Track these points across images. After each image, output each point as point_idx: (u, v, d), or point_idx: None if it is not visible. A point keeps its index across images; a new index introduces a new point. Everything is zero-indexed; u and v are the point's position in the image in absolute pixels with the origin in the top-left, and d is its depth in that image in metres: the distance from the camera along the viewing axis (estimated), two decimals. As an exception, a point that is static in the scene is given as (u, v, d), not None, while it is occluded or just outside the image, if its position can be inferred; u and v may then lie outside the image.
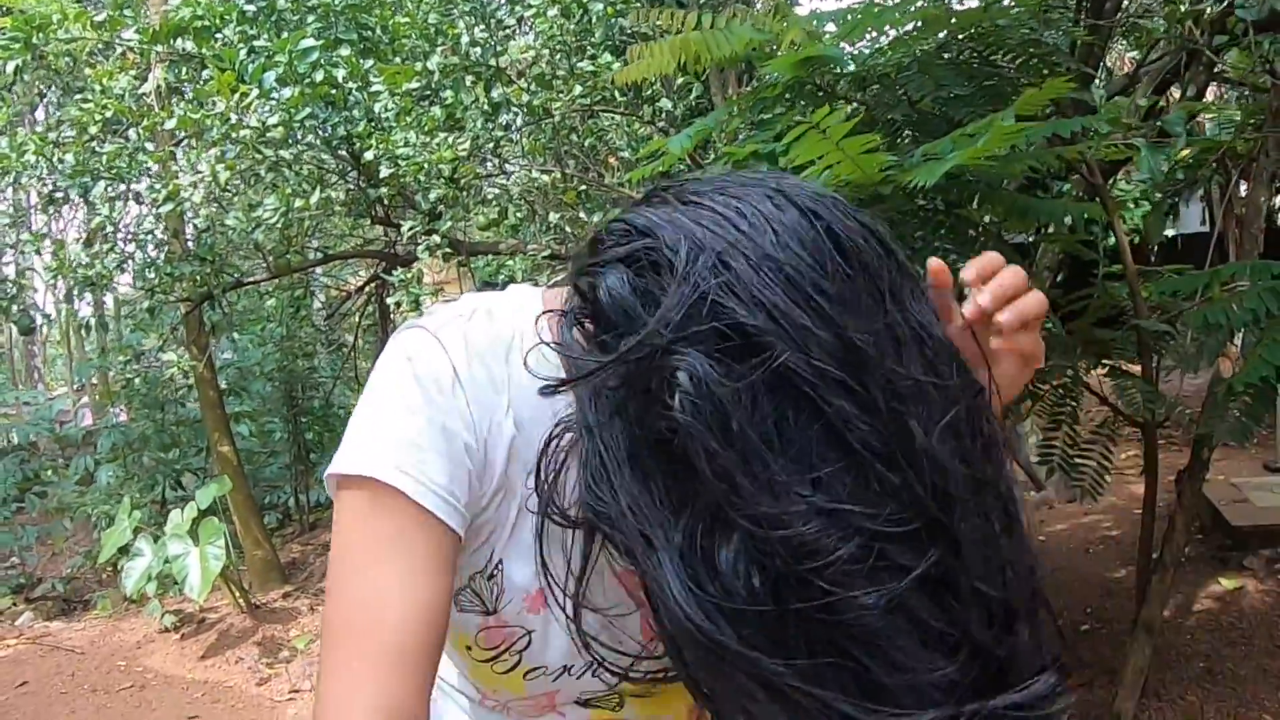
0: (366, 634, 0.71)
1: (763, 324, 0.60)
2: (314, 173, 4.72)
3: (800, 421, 0.60)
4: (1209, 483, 5.25)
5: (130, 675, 4.91)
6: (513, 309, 0.82)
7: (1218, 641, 3.74)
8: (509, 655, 0.86)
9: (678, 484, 0.63)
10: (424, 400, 0.75)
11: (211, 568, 4.87)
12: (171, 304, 5.37)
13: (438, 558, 0.73)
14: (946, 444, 0.61)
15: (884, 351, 0.61)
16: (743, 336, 0.60)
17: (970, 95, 2.40)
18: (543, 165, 4.78)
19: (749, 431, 0.59)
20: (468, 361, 0.77)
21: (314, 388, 8.20)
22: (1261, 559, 4.39)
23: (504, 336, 0.80)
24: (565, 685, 0.88)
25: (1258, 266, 2.67)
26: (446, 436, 0.75)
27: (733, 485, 0.59)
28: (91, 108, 4.53)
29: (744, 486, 0.59)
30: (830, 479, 0.59)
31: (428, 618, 0.72)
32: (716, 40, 2.17)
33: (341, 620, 0.72)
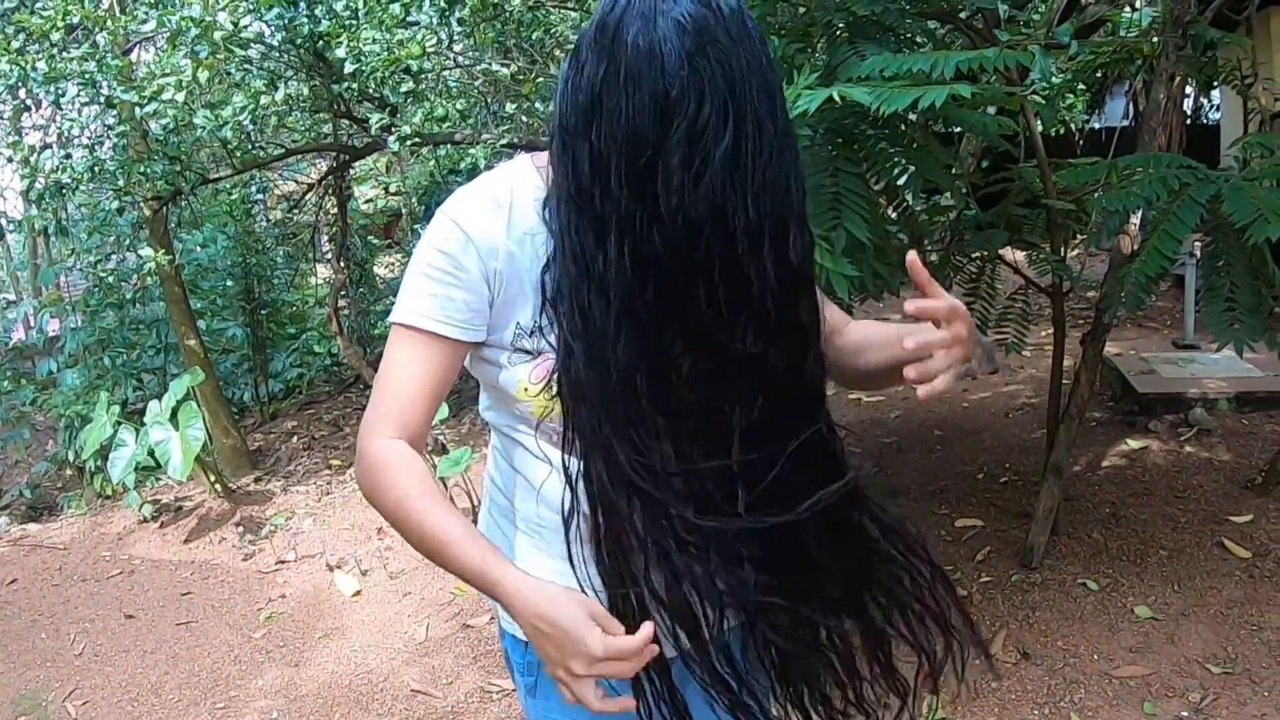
0: (387, 389, 1.25)
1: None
2: (280, 70, 4.86)
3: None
4: (1121, 356, 5.71)
5: (117, 564, 5.07)
6: (507, 166, 1.31)
7: (1123, 492, 4.14)
8: (554, 382, 1.23)
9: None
10: (445, 262, 1.23)
11: (192, 447, 5.06)
12: (141, 203, 5.49)
13: (439, 356, 1.24)
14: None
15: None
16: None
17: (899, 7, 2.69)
18: (492, 59, 4.96)
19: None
20: (469, 216, 1.24)
21: (270, 282, 8.36)
22: (1165, 423, 4.81)
23: (503, 176, 1.28)
24: None
25: (1151, 159, 3.00)
26: (462, 279, 1.22)
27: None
28: (53, 14, 4.58)
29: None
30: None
31: (424, 388, 1.24)
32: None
33: (378, 384, 1.26)
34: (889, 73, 2.35)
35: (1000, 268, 3.71)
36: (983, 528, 3.99)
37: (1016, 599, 3.41)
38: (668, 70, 1.04)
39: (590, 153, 1.10)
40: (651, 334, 1.14)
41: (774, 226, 1.11)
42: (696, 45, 1.04)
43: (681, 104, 1.04)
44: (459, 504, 4.65)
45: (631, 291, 1.12)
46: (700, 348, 1.17)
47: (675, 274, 1.11)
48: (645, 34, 1.05)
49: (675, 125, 1.05)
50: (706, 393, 1.19)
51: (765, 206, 1.09)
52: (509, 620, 1.41)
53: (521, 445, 1.35)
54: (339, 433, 7.04)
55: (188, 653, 4.00)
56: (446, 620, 3.96)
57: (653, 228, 1.09)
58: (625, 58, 1.06)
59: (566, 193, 1.14)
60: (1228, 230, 2.68)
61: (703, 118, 1.04)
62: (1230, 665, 2.95)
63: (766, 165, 1.08)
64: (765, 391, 1.21)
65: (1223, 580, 3.39)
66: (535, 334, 1.24)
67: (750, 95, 1.07)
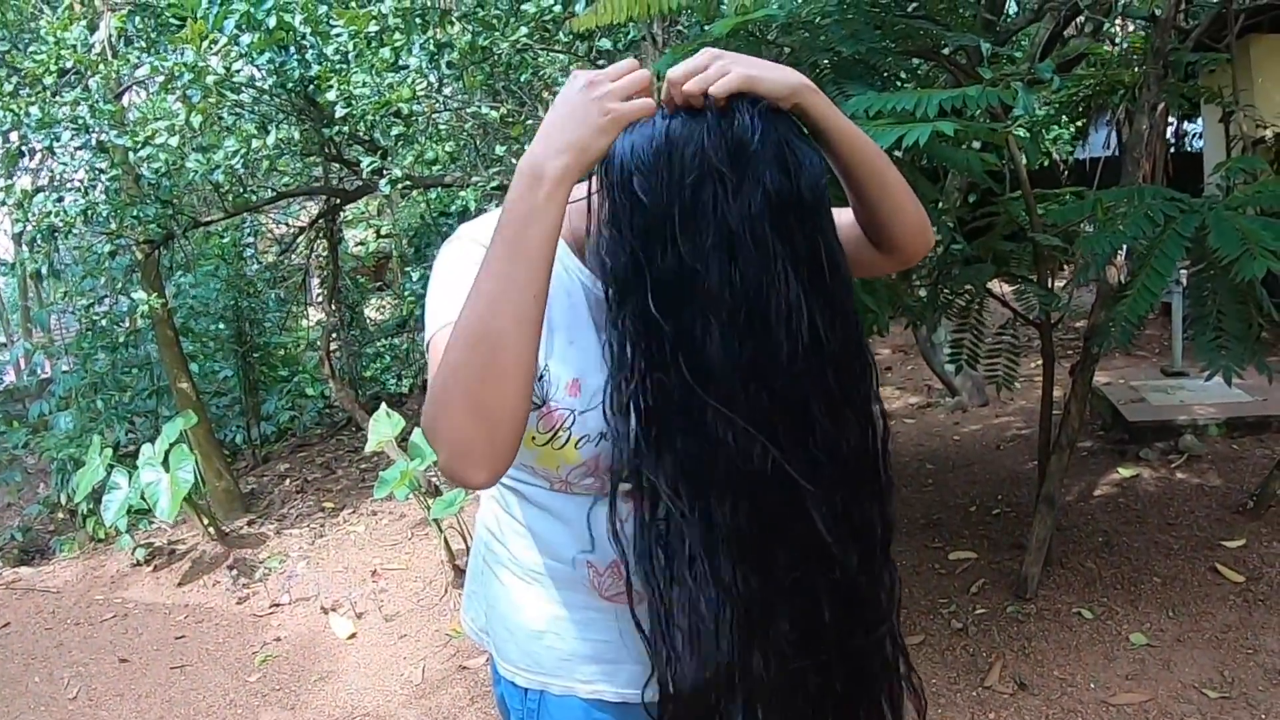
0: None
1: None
2: (271, 114, 4.91)
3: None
4: (1110, 385, 5.74)
5: (111, 607, 5.04)
6: None
7: (1115, 520, 4.14)
8: (562, 431, 1.22)
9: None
10: (467, 275, 1.08)
11: (181, 489, 5.04)
12: (133, 246, 5.51)
13: None
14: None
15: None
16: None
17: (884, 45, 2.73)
18: (482, 101, 5.02)
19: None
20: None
21: (262, 324, 8.38)
22: (1156, 450, 4.83)
23: None
24: (605, 449, 1.22)
25: (1134, 192, 3.03)
26: None
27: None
28: (45, 59, 4.62)
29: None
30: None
31: None
32: None
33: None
34: (873, 111, 2.39)
35: (988, 301, 3.74)
36: (976, 560, 4.00)
37: (1012, 630, 3.41)
38: (766, 249, 1.06)
39: (702, 306, 1.08)
40: (774, 478, 1.12)
41: (854, 393, 1.16)
42: (778, 217, 1.07)
43: (776, 276, 1.06)
44: (453, 545, 4.65)
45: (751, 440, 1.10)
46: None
47: (786, 430, 1.11)
48: (742, 209, 1.06)
49: (776, 300, 1.07)
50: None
51: (845, 376, 1.13)
52: (505, 665, 1.42)
53: (522, 495, 1.35)
54: (331, 475, 7.03)
55: (183, 696, 3.97)
56: (443, 662, 3.94)
57: (770, 388, 1.09)
58: (734, 234, 1.06)
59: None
60: (1215, 261, 2.70)
61: (793, 294, 1.07)
62: (1227, 690, 2.95)
63: (844, 339, 1.12)
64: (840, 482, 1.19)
65: (1217, 605, 3.40)
66: (542, 378, 1.21)
67: (825, 273, 1.10)
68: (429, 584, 4.69)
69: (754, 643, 1.17)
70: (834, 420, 1.13)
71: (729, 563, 1.13)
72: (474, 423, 1.01)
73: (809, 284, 1.08)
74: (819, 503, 1.13)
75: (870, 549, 1.21)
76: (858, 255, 1.31)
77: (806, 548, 1.15)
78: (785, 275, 1.06)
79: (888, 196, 1.26)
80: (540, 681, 1.38)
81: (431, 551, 4.98)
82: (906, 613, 3.66)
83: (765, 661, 1.18)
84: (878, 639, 1.26)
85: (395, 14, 4.26)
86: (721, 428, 1.08)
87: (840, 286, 1.13)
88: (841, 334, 1.12)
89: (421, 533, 5.31)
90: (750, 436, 1.08)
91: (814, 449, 1.12)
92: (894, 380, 7.44)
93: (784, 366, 1.08)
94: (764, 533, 1.14)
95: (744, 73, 1.08)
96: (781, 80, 1.11)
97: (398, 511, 5.75)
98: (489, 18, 4.43)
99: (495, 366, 1.02)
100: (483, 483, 1.05)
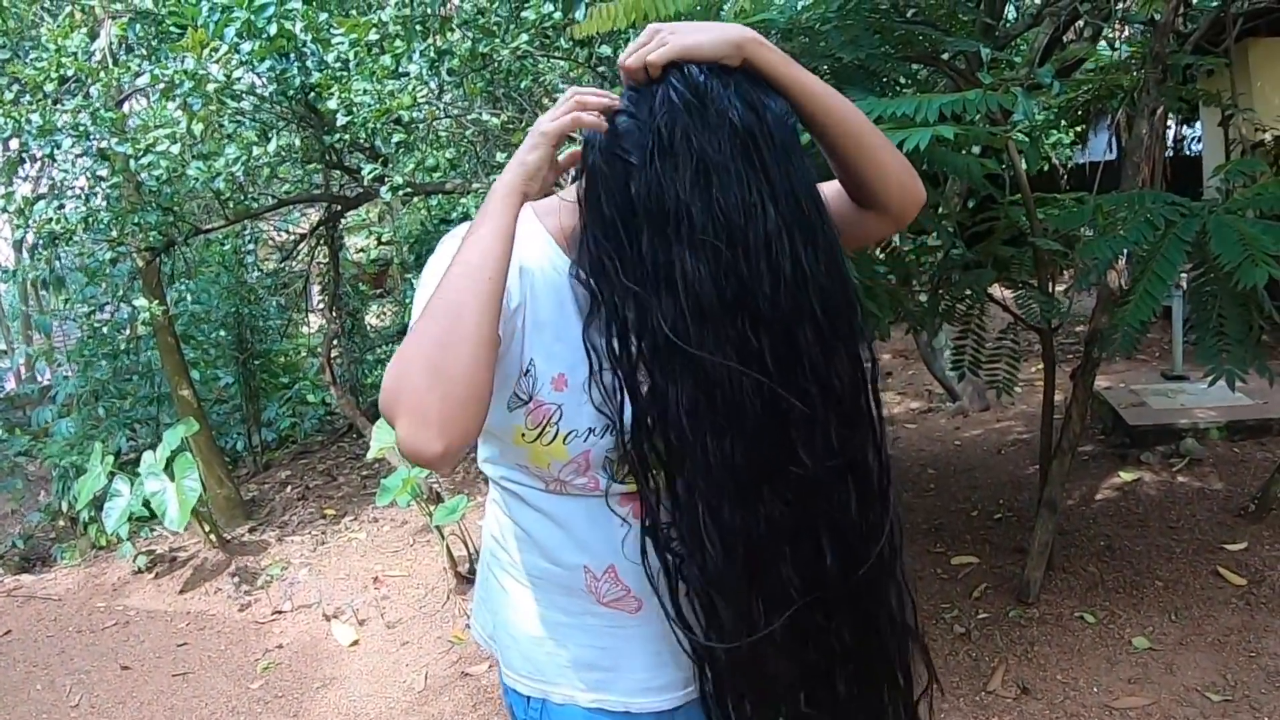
0: None
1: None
2: (272, 121, 4.92)
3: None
4: (1111, 389, 5.74)
5: (113, 614, 5.05)
6: None
7: (1117, 524, 4.14)
8: (550, 427, 1.23)
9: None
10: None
11: (188, 498, 5.06)
12: (134, 254, 5.52)
13: None
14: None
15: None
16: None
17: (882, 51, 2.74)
18: (483, 108, 5.02)
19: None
20: None
21: (262, 332, 8.39)
22: (1157, 454, 4.83)
23: None
24: (593, 445, 1.24)
25: (1134, 197, 3.04)
26: None
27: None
28: (46, 66, 4.63)
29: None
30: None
31: None
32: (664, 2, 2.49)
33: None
34: (874, 117, 2.39)
35: (989, 305, 3.74)
36: (979, 564, 4.00)
37: (1014, 634, 3.41)
38: (739, 176, 1.09)
39: (688, 243, 1.10)
40: (765, 413, 1.13)
41: (843, 327, 1.15)
42: (749, 149, 1.10)
43: (753, 206, 1.09)
44: (455, 552, 4.66)
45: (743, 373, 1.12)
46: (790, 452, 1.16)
47: (776, 361, 1.12)
48: (714, 139, 1.10)
49: (756, 230, 1.09)
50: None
51: (832, 309, 1.13)
52: (508, 672, 1.42)
53: (520, 498, 1.35)
54: (333, 482, 7.03)
55: (185, 704, 3.98)
56: (445, 668, 3.94)
57: (757, 318, 1.11)
58: (710, 160, 1.09)
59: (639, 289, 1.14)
60: (1216, 266, 2.70)
61: (770, 223, 1.09)
62: (1230, 693, 2.95)
63: (829, 272, 1.13)
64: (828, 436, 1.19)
65: (1219, 608, 3.40)
66: (529, 373, 1.23)
67: (800, 202, 1.11)
68: (431, 591, 4.69)
69: (757, 589, 1.18)
70: (824, 352, 1.13)
71: (729, 506, 1.15)
72: (430, 387, 1.04)
73: (788, 216, 1.10)
74: (812, 434, 1.14)
75: (868, 491, 1.21)
76: (849, 222, 1.31)
77: (803, 486, 1.16)
78: (762, 205, 1.09)
79: (863, 150, 1.24)
80: (541, 689, 1.38)
81: (433, 558, 4.98)
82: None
83: (769, 608, 1.19)
84: (882, 590, 1.25)
85: (396, 21, 4.27)
86: (714, 366, 1.10)
87: (820, 221, 1.13)
88: (826, 267, 1.12)
89: (423, 539, 5.32)
90: (742, 371, 1.10)
91: (804, 380, 1.13)
92: (895, 385, 7.44)
93: (768, 296, 1.09)
94: (760, 472, 1.15)
95: (680, 42, 1.12)
96: (722, 39, 1.13)
97: (399, 518, 5.75)
98: (489, 25, 4.42)
99: (453, 333, 1.07)
100: (438, 454, 1.05)
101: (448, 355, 1.06)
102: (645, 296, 1.12)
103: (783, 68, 1.15)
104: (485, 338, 1.08)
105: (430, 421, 1.04)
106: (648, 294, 1.12)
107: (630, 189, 1.12)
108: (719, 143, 1.09)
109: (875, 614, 1.26)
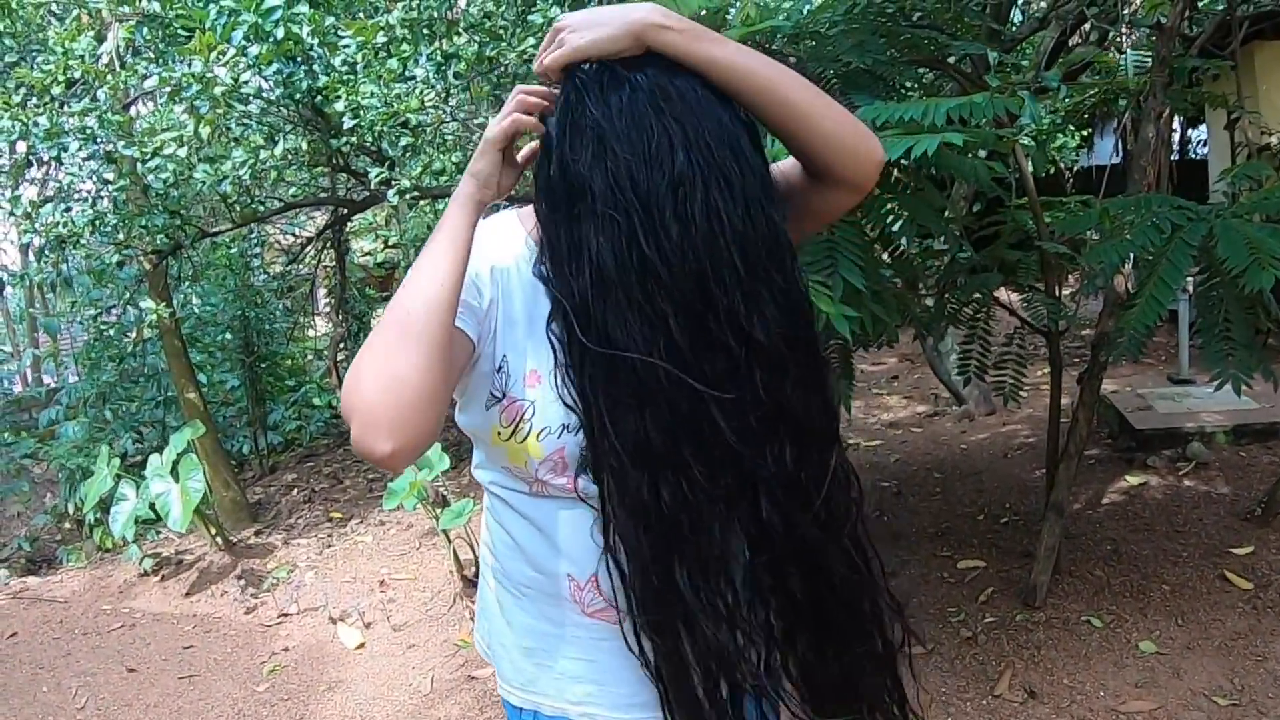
0: None
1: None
2: (279, 125, 4.93)
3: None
4: (1117, 393, 5.73)
5: (118, 617, 5.04)
6: (494, 217, 1.36)
7: (1124, 528, 4.14)
8: (523, 424, 1.23)
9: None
10: None
11: (192, 499, 5.05)
12: (141, 257, 5.53)
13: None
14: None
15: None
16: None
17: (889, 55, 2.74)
18: (489, 112, 5.03)
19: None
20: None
21: (268, 335, 8.39)
22: (1163, 458, 4.83)
23: (492, 223, 1.33)
24: (567, 442, 1.23)
25: (1141, 200, 3.04)
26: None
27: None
28: (53, 69, 4.63)
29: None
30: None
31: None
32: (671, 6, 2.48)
33: None
34: (881, 122, 2.40)
35: (995, 309, 3.74)
36: (985, 568, 4.00)
37: (1021, 638, 3.41)
38: (642, 129, 1.10)
39: (592, 218, 1.12)
40: (672, 385, 1.12)
41: (764, 272, 1.13)
42: (654, 106, 1.10)
43: (659, 157, 1.09)
44: (460, 555, 4.66)
45: (649, 344, 1.11)
46: (739, 379, 1.14)
47: (685, 322, 1.11)
48: (614, 104, 1.12)
49: (660, 179, 1.08)
50: (734, 441, 1.16)
51: (752, 254, 1.11)
52: (501, 683, 1.42)
53: (508, 504, 1.35)
54: (339, 485, 7.03)
55: (191, 706, 3.98)
56: (452, 672, 3.94)
57: (660, 282, 1.10)
58: (604, 129, 1.11)
59: (571, 259, 1.15)
60: (1222, 271, 2.71)
61: (678, 169, 1.08)
62: (1237, 697, 2.95)
63: (747, 215, 1.11)
64: (790, 439, 1.19)
65: (1226, 613, 3.40)
66: (501, 371, 1.24)
67: (712, 148, 1.10)
68: (437, 594, 4.69)
69: (683, 560, 1.17)
70: (745, 299, 1.11)
71: (647, 482, 1.14)
72: (379, 390, 1.07)
73: (700, 161, 1.09)
74: (736, 385, 1.12)
75: (801, 438, 1.18)
76: (808, 196, 1.28)
77: (728, 448, 1.13)
78: (671, 151, 1.09)
79: (799, 120, 1.18)
80: (534, 701, 1.37)
81: (440, 562, 4.99)
82: (915, 621, 3.66)
83: (704, 576, 1.18)
84: (834, 543, 1.23)
85: (402, 25, 4.28)
86: (622, 337, 1.11)
87: (738, 166, 1.11)
88: (744, 210, 1.10)
89: (429, 543, 5.32)
90: (647, 339, 1.10)
91: (720, 333, 1.11)
92: (900, 389, 7.44)
93: (677, 246, 1.08)
94: (679, 441, 1.13)
95: (575, 43, 1.13)
96: (618, 33, 1.12)
97: (405, 521, 5.75)
98: (496, 28, 4.43)
99: (402, 338, 1.09)
100: (387, 454, 1.07)
101: (396, 359, 1.08)
102: (568, 279, 1.14)
103: (690, 46, 1.11)
104: (434, 341, 1.10)
105: (380, 423, 1.06)
106: (569, 276, 1.14)
107: (548, 177, 1.16)
108: (620, 107, 1.10)
109: (829, 569, 1.23)
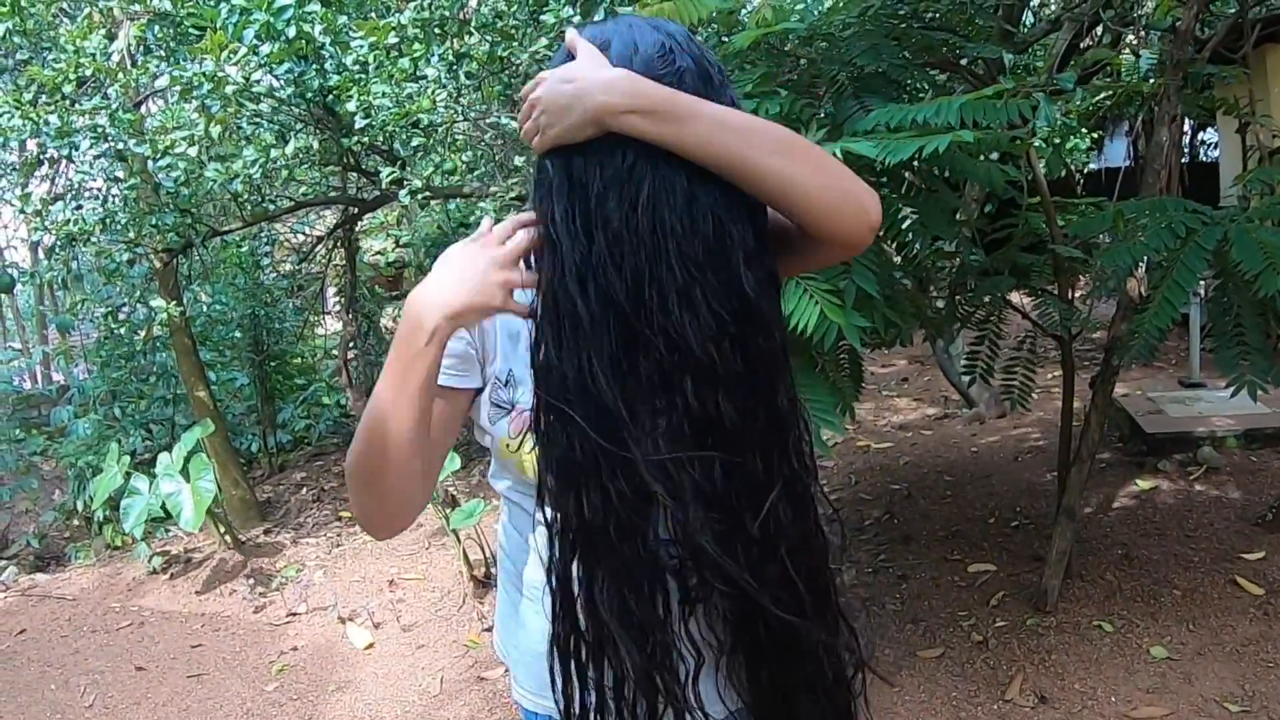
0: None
1: None
2: (290, 124, 4.94)
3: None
4: (1128, 397, 5.71)
5: (127, 615, 5.05)
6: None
7: (1134, 532, 4.13)
8: (530, 435, 1.20)
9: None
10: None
11: (204, 499, 5.06)
12: (151, 255, 5.54)
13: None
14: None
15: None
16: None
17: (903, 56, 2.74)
18: (501, 112, 5.03)
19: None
20: None
21: (278, 334, 8.41)
22: (1174, 462, 4.82)
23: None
24: None
25: (1154, 203, 3.03)
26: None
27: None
28: (65, 67, 4.65)
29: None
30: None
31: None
32: (687, 7, 2.49)
33: None
34: (893, 124, 2.39)
35: (1007, 312, 3.73)
36: (996, 572, 3.99)
37: (1032, 643, 3.40)
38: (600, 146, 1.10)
39: (557, 208, 1.13)
40: (623, 373, 1.11)
41: (702, 272, 1.10)
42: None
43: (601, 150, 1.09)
44: (471, 555, 4.66)
45: (599, 335, 1.10)
46: (670, 387, 1.12)
47: (638, 309, 1.09)
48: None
49: (600, 173, 1.09)
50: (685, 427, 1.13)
51: (689, 252, 1.09)
52: (515, 687, 1.42)
53: (522, 509, 1.35)
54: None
55: (199, 705, 3.98)
56: (461, 672, 3.94)
57: (612, 270, 1.09)
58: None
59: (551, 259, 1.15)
60: (1236, 275, 2.70)
61: (624, 163, 1.09)
62: (1248, 703, 2.94)
63: (686, 209, 1.09)
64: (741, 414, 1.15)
65: (1237, 618, 3.38)
66: (509, 384, 1.26)
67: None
68: (446, 594, 4.69)
69: (601, 570, 1.16)
70: (678, 300, 1.08)
71: (566, 486, 1.15)
72: (371, 501, 1.21)
73: (671, 166, 1.09)
74: (656, 397, 1.11)
75: (742, 452, 1.14)
76: (801, 245, 1.24)
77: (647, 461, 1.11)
78: (621, 159, 1.09)
79: (778, 192, 1.13)
80: (546, 707, 1.34)
81: (449, 562, 4.99)
82: (926, 625, 3.66)
83: (613, 587, 1.16)
84: (775, 563, 1.18)
85: (414, 25, 4.28)
86: (553, 342, 1.12)
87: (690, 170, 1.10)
88: (685, 205, 1.09)
89: (439, 543, 5.32)
90: (579, 346, 1.10)
91: (647, 335, 1.09)
92: (911, 391, 7.43)
93: (614, 237, 1.08)
94: (597, 450, 1.11)
95: (551, 134, 1.11)
96: (581, 123, 1.09)
97: (415, 521, 5.75)
98: (507, 28, 4.43)
99: (382, 469, 1.17)
100: (386, 537, 1.27)
101: (379, 483, 1.18)
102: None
103: (656, 131, 1.08)
104: (408, 470, 1.17)
105: (373, 521, 1.23)
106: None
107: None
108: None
109: (761, 591, 1.18)
